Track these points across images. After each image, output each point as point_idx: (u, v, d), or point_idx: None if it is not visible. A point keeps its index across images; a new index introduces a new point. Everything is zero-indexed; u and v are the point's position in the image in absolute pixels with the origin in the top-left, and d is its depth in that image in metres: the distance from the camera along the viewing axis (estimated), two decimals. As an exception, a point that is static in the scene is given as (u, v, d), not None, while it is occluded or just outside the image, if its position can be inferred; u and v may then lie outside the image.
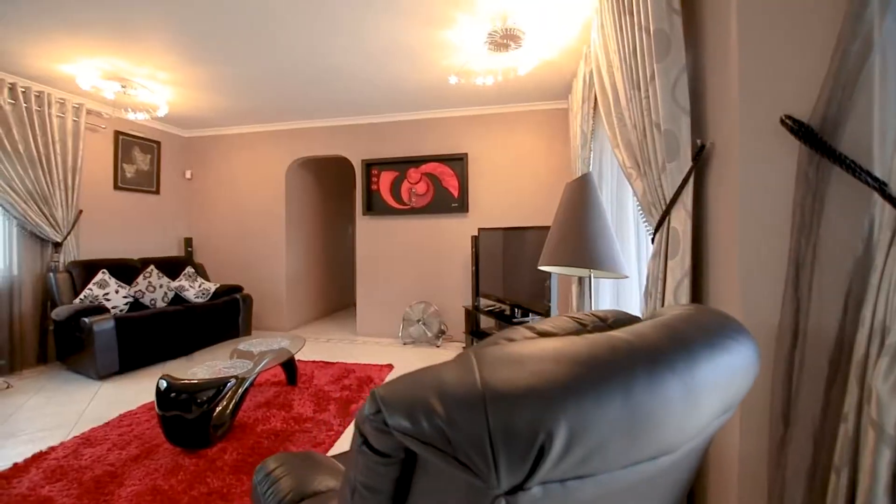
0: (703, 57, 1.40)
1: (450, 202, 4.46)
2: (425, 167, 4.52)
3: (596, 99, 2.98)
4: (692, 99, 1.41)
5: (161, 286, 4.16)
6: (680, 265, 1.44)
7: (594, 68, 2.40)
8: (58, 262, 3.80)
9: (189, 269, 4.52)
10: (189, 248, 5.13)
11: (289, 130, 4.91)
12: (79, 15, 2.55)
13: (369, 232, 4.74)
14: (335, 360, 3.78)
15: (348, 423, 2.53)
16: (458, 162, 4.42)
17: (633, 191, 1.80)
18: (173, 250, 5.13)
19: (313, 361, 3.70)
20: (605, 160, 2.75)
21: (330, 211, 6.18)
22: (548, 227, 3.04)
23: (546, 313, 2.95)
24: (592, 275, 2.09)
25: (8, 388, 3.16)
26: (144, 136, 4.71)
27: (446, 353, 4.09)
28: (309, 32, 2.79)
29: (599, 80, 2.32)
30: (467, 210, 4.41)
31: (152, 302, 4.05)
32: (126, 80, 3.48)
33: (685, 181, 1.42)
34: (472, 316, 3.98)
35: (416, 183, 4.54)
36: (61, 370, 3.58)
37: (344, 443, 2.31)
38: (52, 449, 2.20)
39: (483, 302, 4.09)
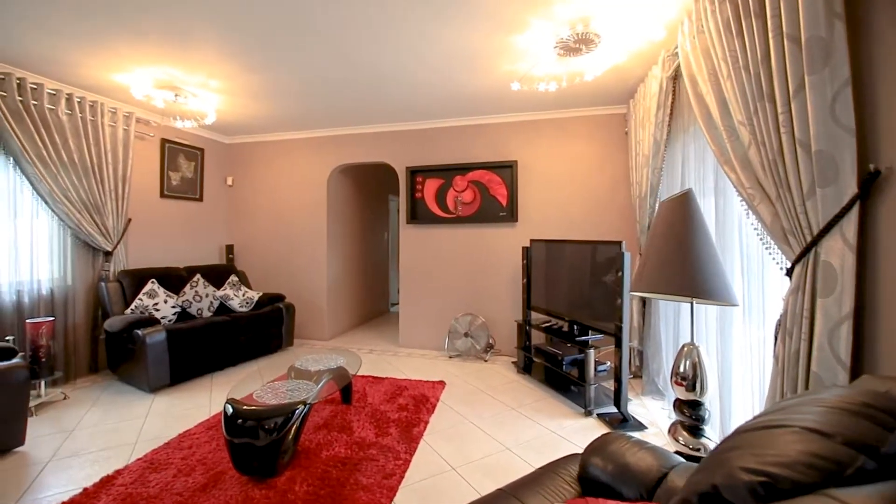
0: (872, 68, 1.22)
1: (497, 211, 4.31)
2: (472, 175, 4.38)
3: (673, 107, 2.80)
4: (857, 117, 1.23)
5: (207, 295, 4.13)
6: (837, 306, 1.26)
7: (685, 75, 2.22)
8: (108, 271, 3.80)
9: (233, 278, 4.49)
10: (230, 255, 5.12)
11: (332, 137, 4.84)
12: (138, 24, 2.49)
13: (413, 241, 4.63)
14: (384, 375, 3.68)
15: (414, 450, 2.41)
16: (507, 169, 4.26)
17: (755, 215, 1.62)
18: (214, 257, 5.12)
19: (363, 376, 3.60)
20: (689, 170, 2.56)
21: (367, 217, 6.10)
22: (614, 242, 2.87)
23: (617, 334, 2.77)
24: (695, 302, 1.91)
25: (65, 398, 3.15)
26: (189, 144, 4.70)
27: (494, 367, 3.94)
28: (370, 42, 2.69)
29: (694, 89, 2.13)
30: (516, 219, 4.25)
31: (199, 311, 4.02)
32: (178, 88, 3.44)
33: (845, 210, 1.24)
34: (524, 331, 3.82)
35: (463, 191, 4.41)
36: (113, 380, 3.57)
37: (414, 473, 2.19)
38: (119, 473, 2.14)
39: (534, 316, 3.93)
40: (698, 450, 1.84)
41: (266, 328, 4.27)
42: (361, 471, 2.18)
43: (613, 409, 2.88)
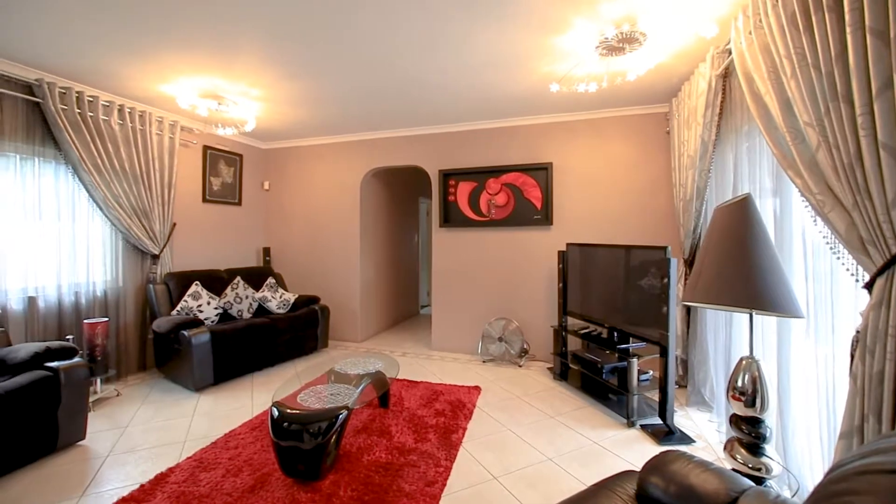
0: (973, 64, 1.12)
1: (532, 214, 4.24)
2: (505, 177, 4.33)
3: (723, 106, 2.68)
4: (955, 117, 1.13)
5: (247, 297, 4.25)
6: (930, 324, 1.16)
7: (740, 73, 2.11)
8: (155, 273, 3.96)
9: (270, 280, 4.61)
10: (267, 258, 5.25)
11: (366, 141, 4.89)
12: (183, 35, 2.56)
13: (446, 244, 4.62)
14: (419, 379, 3.69)
15: (454, 457, 2.39)
16: (541, 172, 4.19)
17: (825, 223, 1.52)
18: (252, 260, 5.27)
19: (398, 380, 3.62)
20: (742, 173, 2.44)
21: (398, 219, 6.14)
22: (658, 247, 2.76)
23: (662, 342, 2.67)
24: (754, 314, 1.81)
25: (118, 395, 3.31)
26: (229, 150, 4.85)
27: (530, 372, 3.88)
28: (410, 50, 2.69)
29: (750, 88, 2.03)
30: (551, 223, 4.17)
31: (239, 313, 4.14)
32: (221, 97, 3.55)
33: (940, 220, 1.14)
34: (560, 336, 3.75)
35: (496, 194, 4.37)
36: (160, 378, 3.72)
37: (456, 481, 2.17)
38: (171, 471, 2.23)
39: (570, 321, 3.85)
40: (759, 469, 1.74)
41: (302, 330, 4.35)
42: (403, 477, 2.18)
43: (657, 421, 2.78)
